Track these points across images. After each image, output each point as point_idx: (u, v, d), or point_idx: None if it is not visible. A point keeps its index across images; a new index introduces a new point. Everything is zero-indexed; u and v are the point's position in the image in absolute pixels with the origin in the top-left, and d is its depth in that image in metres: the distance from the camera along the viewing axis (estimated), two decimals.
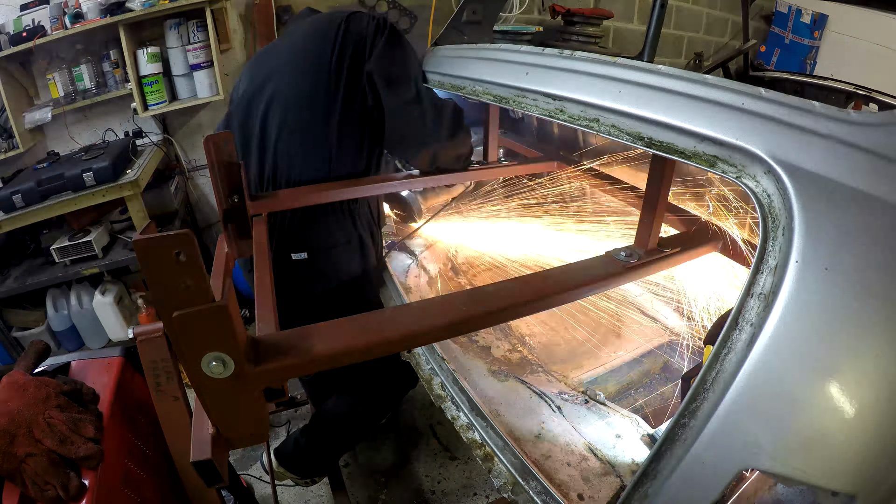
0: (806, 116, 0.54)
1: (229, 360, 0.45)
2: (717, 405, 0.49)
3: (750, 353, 0.48)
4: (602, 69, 0.79)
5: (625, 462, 0.91)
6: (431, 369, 1.11)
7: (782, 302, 0.47)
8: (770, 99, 0.58)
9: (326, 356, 0.53)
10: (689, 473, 0.51)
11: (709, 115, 0.62)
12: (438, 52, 1.35)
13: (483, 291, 0.66)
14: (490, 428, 0.93)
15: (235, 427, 0.52)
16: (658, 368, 1.36)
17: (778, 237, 0.51)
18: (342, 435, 1.59)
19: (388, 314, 0.59)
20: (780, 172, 0.53)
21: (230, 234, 0.97)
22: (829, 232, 0.48)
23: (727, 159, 0.59)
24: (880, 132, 0.49)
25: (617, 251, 0.79)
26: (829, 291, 0.46)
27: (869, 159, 0.48)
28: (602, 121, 0.74)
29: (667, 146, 0.65)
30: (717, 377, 0.50)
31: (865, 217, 0.46)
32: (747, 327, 0.49)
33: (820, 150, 0.52)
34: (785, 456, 0.45)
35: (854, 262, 0.45)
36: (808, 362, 0.45)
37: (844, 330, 0.44)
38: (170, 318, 0.42)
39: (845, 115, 0.52)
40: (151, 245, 0.39)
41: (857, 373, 0.43)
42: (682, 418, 0.52)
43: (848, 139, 0.50)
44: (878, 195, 0.46)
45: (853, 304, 0.44)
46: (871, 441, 0.42)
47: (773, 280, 0.49)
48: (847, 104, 2.74)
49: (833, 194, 0.49)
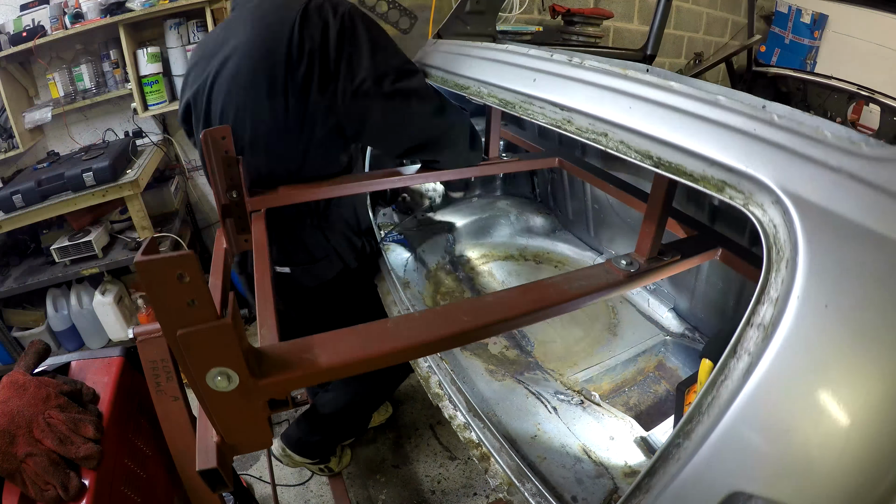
0: (818, 147, 0.54)
1: (234, 374, 0.46)
2: (711, 429, 0.50)
3: (746, 381, 0.49)
4: (613, 82, 0.78)
5: (617, 465, 0.91)
6: (429, 367, 1.11)
7: (782, 334, 0.48)
8: (782, 126, 0.57)
9: (330, 368, 0.53)
10: (680, 491, 0.52)
11: (720, 140, 0.61)
12: (442, 46, 1.33)
13: (484, 302, 0.66)
14: (487, 428, 0.93)
15: (240, 436, 0.53)
16: (652, 367, 1.37)
17: (781, 269, 0.50)
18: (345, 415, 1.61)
19: (390, 325, 0.60)
20: (788, 204, 0.52)
21: (228, 229, 0.96)
22: (832, 269, 0.47)
23: (735, 186, 0.58)
24: (891, 168, 0.49)
25: (617, 259, 0.79)
26: (827, 329, 0.46)
27: (877, 196, 0.48)
28: (610, 136, 0.73)
29: (675, 168, 0.64)
30: (712, 402, 0.51)
31: (869, 255, 0.46)
32: (745, 356, 0.50)
33: (829, 183, 0.51)
34: (775, 481, 0.46)
35: (854, 301, 0.45)
36: (802, 394, 0.46)
37: (839, 367, 0.45)
38: (173, 336, 0.42)
39: (857, 148, 0.51)
40: (153, 266, 0.39)
41: (849, 408, 0.44)
42: (676, 438, 0.53)
43: (858, 174, 0.50)
44: (883, 233, 0.46)
45: (849, 343, 0.45)
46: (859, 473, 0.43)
47: (774, 312, 0.49)
48: (849, 104, 2.75)
49: (839, 230, 0.49)
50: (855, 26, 4.33)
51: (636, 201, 1.08)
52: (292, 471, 1.88)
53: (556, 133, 0.84)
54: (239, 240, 0.98)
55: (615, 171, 1.28)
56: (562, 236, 1.94)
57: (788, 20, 4.64)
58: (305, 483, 1.83)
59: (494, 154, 1.41)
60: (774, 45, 4.79)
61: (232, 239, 0.97)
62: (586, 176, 1.28)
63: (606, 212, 1.71)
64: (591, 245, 1.86)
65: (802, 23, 4.56)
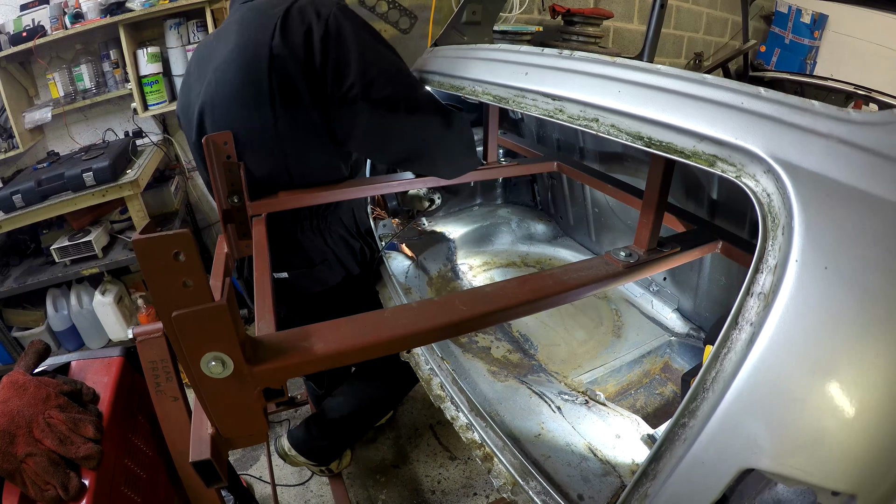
0: (805, 115, 0.54)
1: (228, 359, 0.45)
2: (716, 405, 0.49)
3: (749, 352, 0.48)
4: (601, 69, 0.79)
5: (625, 462, 0.91)
6: (431, 369, 1.11)
7: (782, 301, 0.47)
8: (769, 98, 0.58)
9: (326, 356, 0.53)
10: (688, 473, 0.51)
11: (708, 115, 0.62)
12: (438, 52, 1.35)
13: (481, 292, 0.65)
14: (489, 428, 0.93)
15: (235, 427, 0.52)
16: (658, 369, 1.36)
17: (777, 236, 0.50)
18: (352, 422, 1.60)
19: (387, 314, 0.59)
20: (780, 171, 0.53)
21: (230, 234, 0.96)
22: (829, 231, 0.47)
23: (726, 159, 0.59)
24: (880, 131, 0.49)
25: (616, 251, 0.79)
26: (828, 291, 0.45)
27: (869, 158, 0.48)
28: (601, 120, 0.74)
29: (666, 146, 0.65)
30: (716, 377, 0.50)
31: (865, 216, 0.46)
32: (747, 327, 0.49)
33: (819, 149, 0.51)
34: (785, 456, 0.44)
35: (853, 262, 0.45)
36: (807, 362, 0.45)
37: (844, 329, 0.44)
38: (169, 318, 0.41)
39: (845, 115, 0.52)
40: (150, 245, 0.39)
41: (856, 372, 0.43)
42: (681, 418, 0.52)
43: (847, 138, 0.50)
44: (877, 194, 0.46)
45: (852, 304, 0.44)
46: (871, 440, 0.42)
47: (773, 279, 0.49)
48: (847, 104, 2.75)
49: (833, 193, 0.49)
50: (855, 26, 4.33)
51: (635, 200, 1.08)
52: (292, 471, 1.87)
53: (555, 139, 0.84)
54: (240, 245, 0.98)
55: (613, 173, 1.29)
56: (563, 242, 1.94)
57: (788, 20, 4.64)
58: (305, 483, 1.83)
59: (493, 159, 1.41)
60: (774, 46, 4.80)
61: (233, 244, 0.96)
62: (585, 178, 1.28)
63: (607, 216, 1.71)
64: (592, 250, 1.86)
65: (802, 23, 4.56)
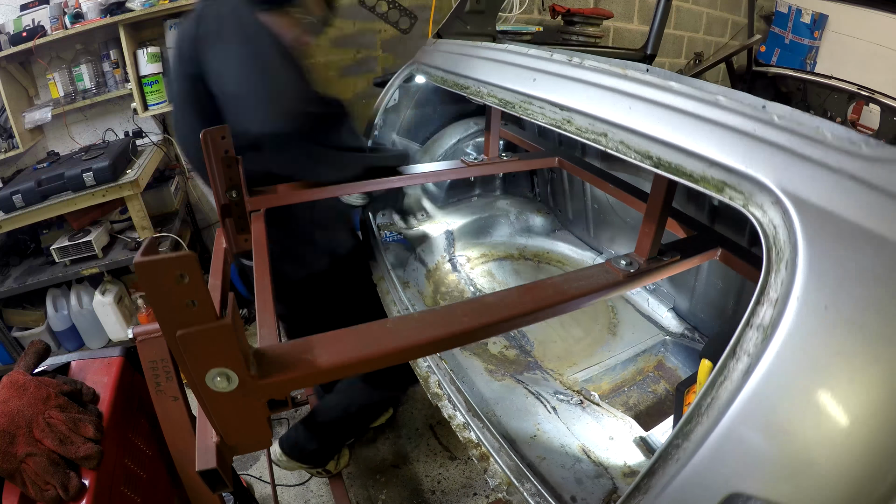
0: (817, 148, 0.54)
1: (233, 374, 0.46)
2: (710, 430, 0.50)
3: (746, 382, 0.49)
4: (613, 82, 0.78)
5: (617, 465, 0.91)
6: (428, 367, 1.11)
7: (781, 336, 0.48)
8: (782, 126, 0.57)
9: (329, 368, 0.53)
10: (679, 492, 0.52)
11: (719, 140, 0.61)
12: (442, 45, 1.33)
13: (483, 302, 0.66)
14: (486, 428, 0.93)
15: (239, 436, 0.53)
16: (652, 367, 1.37)
17: (781, 270, 0.50)
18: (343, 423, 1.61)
19: (389, 325, 0.60)
20: (788, 204, 0.52)
21: (228, 229, 0.97)
22: (832, 270, 0.47)
23: (735, 186, 0.58)
24: (889, 169, 0.49)
25: (617, 259, 0.79)
26: (827, 330, 0.46)
27: (877, 197, 0.48)
28: (610, 136, 0.73)
29: (675, 168, 0.64)
30: (712, 403, 0.51)
31: (869, 256, 0.46)
32: (745, 357, 0.50)
33: (829, 184, 0.51)
34: (774, 483, 0.46)
35: (854, 302, 0.45)
36: (801, 396, 0.46)
37: (839, 368, 0.45)
38: (173, 336, 0.42)
39: (857, 149, 0.51)
40: (153, 267, 0.39)
41: (848, 409, 0.44)
42: (676, 439, 0.53)
43: (857, 175, 0.50)
44: (883, 234, 0.46)
45: (849, 344, 0.45)
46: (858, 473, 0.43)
47: (773, 313, 0.49)
48: (849, 104, 2.75)
49: (838, 231, 0.48)
50: (855, 26, 4.33)
51: (636, 201, 1.08)
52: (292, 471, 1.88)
53: (556, 133, 0.84)
54: (239, 239, 0.98)
55: (615, 171, 1.29)
56: (561, 236, 1.94)
57: (788, 20, 4.64)
58: (305, 483, 1.83)
59: (494, 154, 1.41)
60: (774, 45, 4.79)
61: (231, 239, 0.97)
62: (586, 175, 1.28)
63: (606, 211, 1.71)
64: (590, 245, 1.86)
65: (802, 23, 4.56)
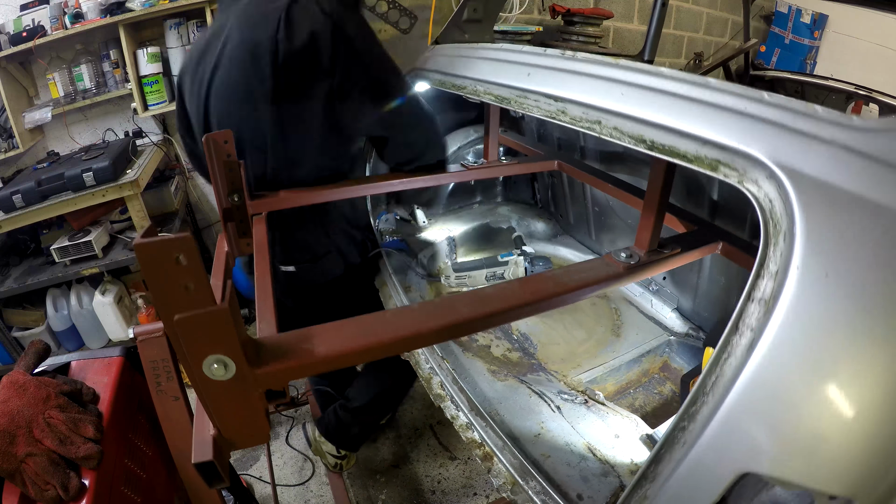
0: (808, 121, 0.54)
1: (230, 362, 0.45)
2: (716, 409, 0.49)
3: (750, 357, 0.48)
4: (604, 71, 0.78)
5: (623, 462, 0.91)
6: (431, 368, 1.11)
7: (783, 307, 0.47)
8: (773, 103, 0.58)
9: (327, 358, 0.53)
10: (687, 476, 0.51)
11: (711, 119, 0.62)
12: (440, 51, 1.35)
13: (483, 293, 0.66)
14: (489, 427, 0.93)
15: (237, 428, 0.52)
16: (657, 368, 1.37)
17: (779, 242, 0.50)
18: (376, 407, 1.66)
19: (388, 316, 0.60)
20: (782, 177, 0.53)
21: (230, 233, 0.97)
22: (831, 238, 0.47)
23: (729, 163, 0.59)
24: (883, 138, 0.49)
25: (617, 252, 0.79)
26: (829, 298, 0.45)
27: (871, 165, 0.48)
28: (604, 123, 0.74)
29: (669, 149, 0.65)
30: (716, 381, 0.50)
31: (867, 223, 0.46)
32: (747, 332, 0.50)
33: (822, 155, 0.51)
34: (783, 459, 0.45)
35: (854, 269, 0.45)
36: (806, 367, 0.45)
37: (843, 336, 0.44)
38: (171, 321, 0.42)
39: (848, 121, 0.52)
40: (152, 248, 0.39)
41: (855, 378, 0.43)
42: (681, 422, 0.52)
43: (850, 145, 0.50)
44: (879, 201, 0.46)
45: (852, 311, 0.44)
46: (869, 444, 0.42)
47: (774, 285, 0.49)
48: (848, 104, 2.75)
49: (835, 200, 0.49)
50: (855, 26, 4.33)
51: (636, 200, 1.08)
52: (292, 471, 1.88)
53: (555, 138, 0.84)
54: (241, 243, 0.98)
55: (614, 172, 1.29)
56: (563, 241, 1.95)
57: (788, 20, 4.64)
58: (305, 483, 1.83)
59: (494, 157, 1.41)
60: (774, 46, 4.79)
61: (234, 242, 0.97)
62: (586, 178, 1.28)
63: (607, 215, 1.71)
64: (592, 249, 1.86)
65: (802, 23, 4.56)
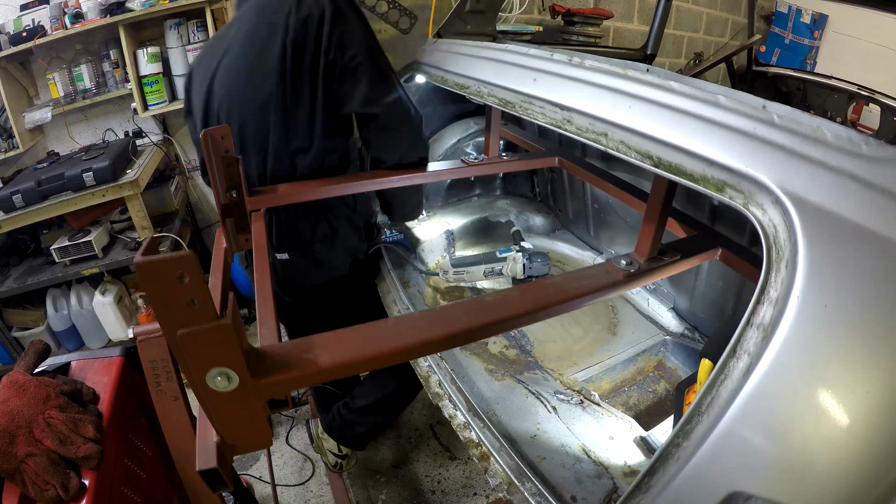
0: (817, 147, 0.54)
1: (234, 374, 0.46)
2: (711, 429, 0.50)
3: (746, 381, 0.49)
4: (613, 82, 0.78)
5: (617, 464, 0.91)
6: (429, 367, 1.11)
7: (781, 335, 0.48)
8: (782, 126, 0.57)
9: (330, 368, 0.53)
10: (679, 491, 0.52)
11: (719, 140, 0.61)
12: (441, 45, 1.33)
13: (483, 302, 0.66)
14: (486, 428, 0.93)
15: (240, 436, 0.53)
16: (652, 367, 1.37)
17: (781, 269, 0.51)
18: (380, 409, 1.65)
19: (390, 325, 0.60)
20: (788, 204, 0.53)
21: (228, 229, 0.97)
22: (832, 269, 0.47)
23: (735, 186, 0.58)
24: (890, 168, 0.49)
25: (617, 259, 0.79)
26: (826, 329, 0.46)
27: (878, 196, 0.48)
28: (610, 136, 0.73)
29: (675, 168, 0.64)
30: (712, 402, 0.51)
31: (868, 256, 0.46)
32: (745, 357, 0.50)
33: (829, 184, 0.51)
34: (773, 481, 0.46)
35: (854, 301, 0.45)
36: (801, 395, 0.46)
37: (839, 366, 0.45)
38: (173, 336, 0.42)
39: (857, 148, 0.51)
40: (154, 267, 0.39)
41: (848, 407, 0.44)
42: (676, 438, 0.53)
43: (858, 174, 0.50)
44: (883, 233, 0.46)
45: (850, 343, 0.45)
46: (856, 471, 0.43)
47: (774, 312, 0.49)
48: (849, 104, 2.75)
49: (839, 230, 0.49)
50: (855, 26, 4.33)
51: (636, 201, 1.08)
52: (292, 470, 1.88)
53: (556, 133, 0.84)
54: (239, 239, 0.98)
55: (615, 170, 1.29)
56: (562, 236, 1.95)
57: (788, 20, 4.64)
58: (305, 483, 1.83)
59: (494, 153, 1.41)
60: (774, 45, 4.79)
61: (232, 238, 0.97)
62: (586, 175, 1.28)
63: (606, 211, 1.71)
64: (590, 245, 1.86)
65: (802, 23, 4.56)
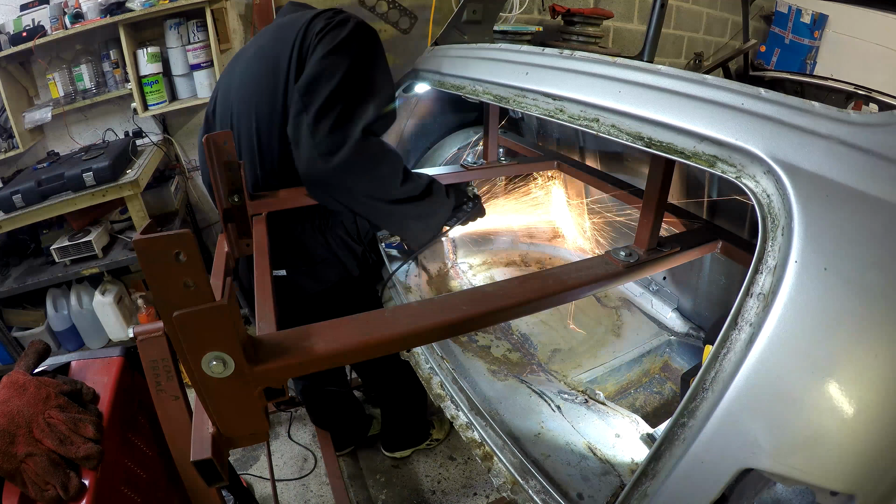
0: (805, 117, 0.54)
1: (229, 359, 0.45)
2: (716, 405, 0.49)
3: (749, 352, 0.48)
4: (602, 69, 0.79)
5: (624, 461, 0.91)
6: (431, 368, 1.11)
7: (781, 302, 0.47)
8: (769, 99, 0.58)
9: (326, 356, 0.53)
10: (688, 473, 0.51)
11: (708, 115, 0.62)
12: (438, 52, 1.35)
13: (482, 291, 0.66)
14: (489, 427, 0.93)
15: (236, 426, 0.52)
16: (657, 368, 1.37)
17: (777, 237, 0.51)
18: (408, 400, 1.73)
19: (387, 314, 0.59)
20: (780, 173, 0.53)
21: (230, 233, 0.97)
22: (828, 232, 0.47)
23: (727, 159, 0.59)
24: (879, 132, 0.49)
25: (616, 250, 0.79)
26: (827, 291, 0.46)
27: (868, 160, 0.48)
28: (602, 121, 0.74)
29: (666, 146, 0.65)
30: (716, 377, 0.50)
31: (864, 217, 0.46)
32: (746, 327, 0.49)
33: (819, 150, 0.52)
34: (784, 455, 0.45)
35: (852, 263, 0.45)
36: (806, 362, 0.45)
37: (843, 330, 0.44)
38: (170, 318, 0.42)
39: (845, 116, 0.52)
40: (152, 245, 0.39)
41: (855, 372, 0.43)
42: (681, 418, 0.52)
43: (847, 139, 0.50)
44: (877, 195, 0.46)
45: (851, 305, 0.44)
46: (869, 440, 0.42)
47: (773, 280, 0.49)
48: (847, 104, 2.75)
49: (832, 195, 0.49)
50: (855, 26, 4.33)
51: (635, 200, 1.09)
52: (292, 469, 1.88)
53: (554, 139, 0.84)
54: (241, 244, 0.98)
55: (613, 172, 1.29)
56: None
57: (788, 20, 4.64)
58: (304, 480, 1.83)
59: (493, 158, 1.41)
60: (774, 46, 4.79)
61: (233, 243, 0.97)
62: (585, 178, 1.28)
63: None
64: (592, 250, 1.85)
65: (802, 23, 4.56)
